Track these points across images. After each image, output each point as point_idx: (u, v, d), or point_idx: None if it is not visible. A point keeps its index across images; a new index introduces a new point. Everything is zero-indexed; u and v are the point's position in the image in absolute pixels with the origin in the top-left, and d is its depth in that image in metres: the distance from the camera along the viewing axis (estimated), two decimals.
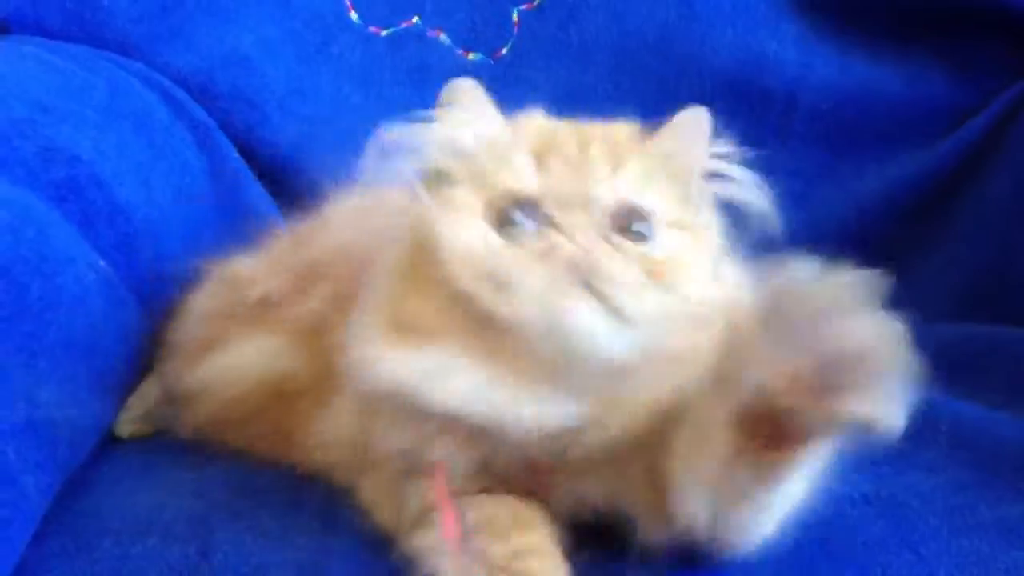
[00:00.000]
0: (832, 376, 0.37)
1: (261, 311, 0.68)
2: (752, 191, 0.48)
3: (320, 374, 0.60)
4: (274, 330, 0.66)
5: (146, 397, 0.75)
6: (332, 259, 0.65)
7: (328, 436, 0.58)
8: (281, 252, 0.72)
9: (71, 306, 0.63)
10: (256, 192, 0.97)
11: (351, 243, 0.65)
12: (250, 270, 0.71)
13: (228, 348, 0.67)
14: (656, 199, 0.46)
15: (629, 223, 0.45)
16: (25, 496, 0.53)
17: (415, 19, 1.02)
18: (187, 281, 0.74)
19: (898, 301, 0.44)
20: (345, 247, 0.65)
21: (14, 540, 0.52)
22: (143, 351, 0.74)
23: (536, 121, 0.49)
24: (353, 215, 0.69)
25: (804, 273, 0.38)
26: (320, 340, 0.60)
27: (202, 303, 0.72)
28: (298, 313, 0.64)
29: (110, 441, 0.71)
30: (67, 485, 0.60)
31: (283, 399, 0.63)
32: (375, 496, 0.53)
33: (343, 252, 0.64)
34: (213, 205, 0.92)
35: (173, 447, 0.69)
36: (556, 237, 0.43)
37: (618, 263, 0.43)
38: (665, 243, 0.46)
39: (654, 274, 0.44)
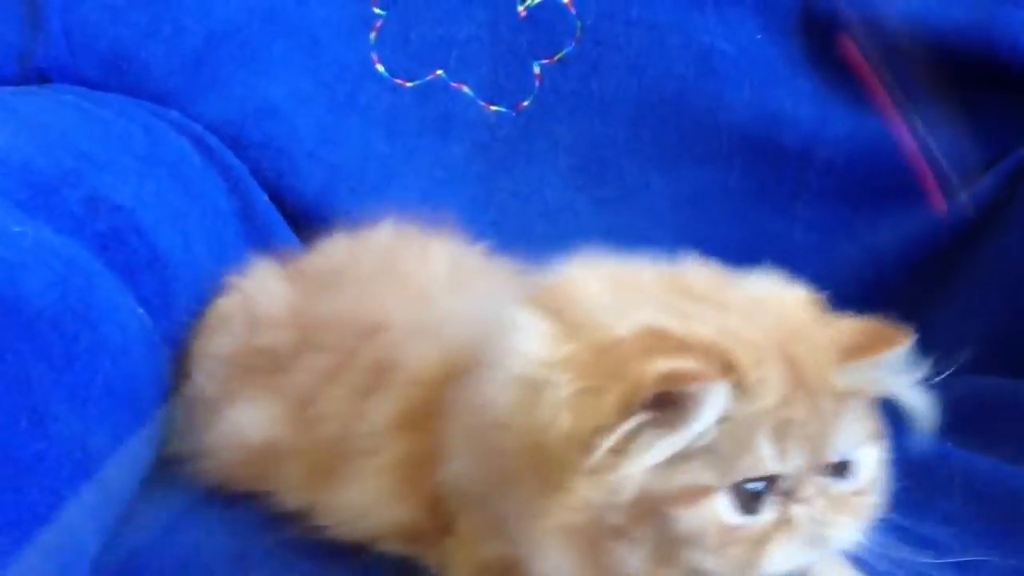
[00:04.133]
0: None
1: (268, 365, 0.69)
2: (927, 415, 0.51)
3: (303, 443, 0.63)
4: (276, 393, 0.67)
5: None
6: (333, 326, 0.67)
7: (357, 508, 0.59)
8: (298, 292, 0.74)
9: (115, 355, 0.65)
10: (286, 236, 0.99)
11: (353, 311, 0.67)
12: (270, 313, 0.73)
13: (236, 409, 0.69)
14: (860, 428, 0.48)
15: (843, 470, 0.48)
16: (84, 541, 0.55)
17: (439, 72, 1.05)
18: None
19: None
20: (347, 314, 0.67)
21: None
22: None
23: (770, 384, 0.45)
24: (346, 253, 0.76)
25: None
26: (305, 411, 0.64)
27: (220, 346, 0.74)
28: (294, 380, 0.66)
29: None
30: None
31: (271, 463, 0.66)
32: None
33: (344, 320, 0.67)
34: (244, 248, 0.93)
35: (205, 487, 0.70)
36: (796, 508, 0.46)
37: (840, 517, 0.47)
38: (864, 465, 0.49)
39: (858, 506, 0.48)
